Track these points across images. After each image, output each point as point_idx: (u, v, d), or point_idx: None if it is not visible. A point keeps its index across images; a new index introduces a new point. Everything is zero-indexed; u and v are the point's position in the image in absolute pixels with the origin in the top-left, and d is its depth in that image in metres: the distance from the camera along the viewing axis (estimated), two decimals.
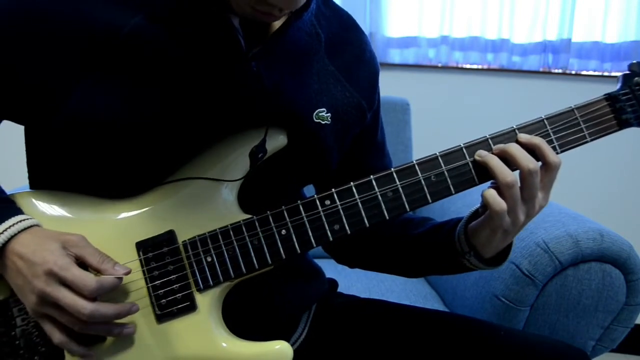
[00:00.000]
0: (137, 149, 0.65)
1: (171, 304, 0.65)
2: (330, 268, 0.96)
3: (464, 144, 0.67)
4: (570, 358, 0.76)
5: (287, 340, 0.68)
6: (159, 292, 0.65)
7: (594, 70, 1.92)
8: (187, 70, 0.65)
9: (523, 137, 0.67)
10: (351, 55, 0.79)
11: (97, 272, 0.61)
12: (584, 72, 1.93)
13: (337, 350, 0.82)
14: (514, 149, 0.65)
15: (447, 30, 1.93)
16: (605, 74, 1.90)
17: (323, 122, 0.72)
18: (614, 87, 0.72)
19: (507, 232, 0.68)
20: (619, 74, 0.73)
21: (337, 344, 0.83)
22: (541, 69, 1.94)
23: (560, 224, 1.08)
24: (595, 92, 0.71)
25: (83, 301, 0.58)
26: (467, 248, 0.72)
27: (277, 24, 0.70)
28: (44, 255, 0.59)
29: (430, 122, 1.94)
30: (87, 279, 0.58)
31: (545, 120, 0.69)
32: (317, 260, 0.92)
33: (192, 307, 0.65)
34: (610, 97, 0.70)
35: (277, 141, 0.69)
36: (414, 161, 0.67)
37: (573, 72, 1.93)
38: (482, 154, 0.66)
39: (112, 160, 0.65)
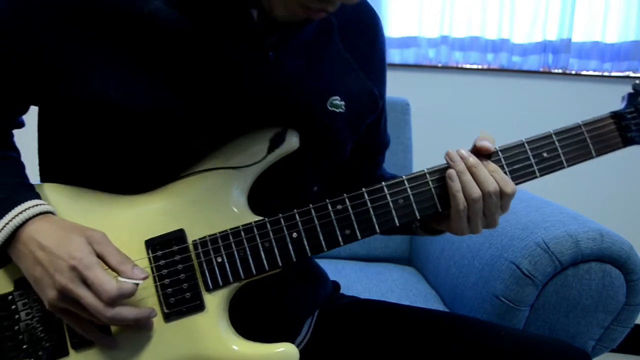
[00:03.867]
0: (150, 138, 0.64)
1: (180, 303, 0.65)
2: (330, 269, 0.96)
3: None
4: (572, 358, 0.76)
5: (291, 343, 0.68)
6: (167, 290, 0.65)
7: (594, 70, 1.92)
8: (203, 59, 0.65)
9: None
10: (365, 39, 0.78)
11: (115, 272, 0.61)
12: (584, 72, 1.92)
13: (340, 352, 0.82)
14: (482, 169, 0.67)
15: (447, 30, 1.93)
16: (605, 74, 1.90)
17: (337, 111, 0.72)
18: (614, 87, 0.73)
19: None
20: (619, 74, 0.74)
21: (340, 345, 0.83)
22: (541, 69, 1.94)
23: (560, 224, 1.08)
24: (595, 92, 0.72)
25: (104, 304, 0.58)
26: (418, 224, 0.77)
27: None
28: (69, 250, 0.58)
29: (430, 122, 1.94)
30: (109, 285, 0.57)
31: (553, 135, 0.70)
32: (317, 260, 0.92)
33: (200, 307, 0.65)
34: (616, 115, 0.72)
35: (289, 143, 0.69)
36: (425, 170, 0.69)
37: (573, 72, 1.93)
38: (452, 175, 0.67)
39: (126, 151, 0.65)
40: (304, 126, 0.70)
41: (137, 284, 0.60)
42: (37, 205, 0.63)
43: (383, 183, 0.68)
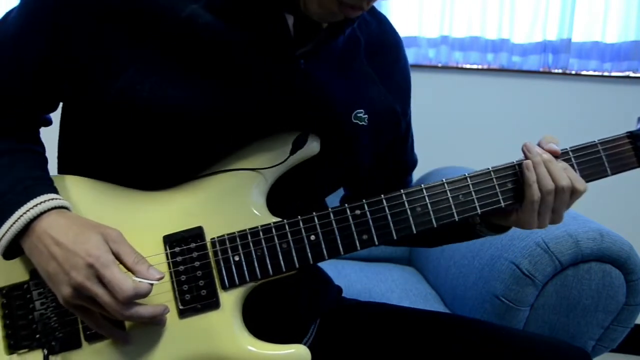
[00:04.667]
0: (176, 137, 0.65)
1: (195, 300, 0.65)
2: (330, 269, 0.96)
3: (492, 168, 0.71)
4: (572, 358, 0.76)
5: (299, 343, 0.68)
6: (183, 287, 0.66)
7: (594, 70, 1.92)
8: (236, 63, 0.65)
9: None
10: (388, 58, 0.80)
11: (130, 272, 0.60)
12: (584, 72, 1.92)
13: (342, 353, 0.82)
14: (556, 165, 0.70)
15: (447, 30, 1.93)
16: (605, 74, 1.90)
17: (360, 123, 0.73)
18: (614, 87, 0.74)
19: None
20: (619, 74, 0.75)
21: (343, 347, 0.83)
22: (541, 69, 1.94)
23: (561, 224, 1.08)
24: (595, 92, 0.73)
25: (120, 303, 0.58)
26: (479, 220, 0.77)
27: (325, 25, 0.70)
28: (86, 248, 0.58)
29: (430, 122, 1.94)
30: (125, 284, 0.57)
31: (570, 152, 0.72)
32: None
33: (215, 304, 0.66)
34: (632, 135, 0.74)
35: (309, 148, 0.70)
36: (444, 180, 0.70)
37: (573, 72, 1.93)
38: (528, 165, 0.69)
39: (149, 147, 0.65)
40: (327, 135, 0.71)
41: (152, 284, 0.60)
42: (52, 199, 0.63)
43: (402, 191, 0.69)
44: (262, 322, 0.70)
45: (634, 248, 1.04)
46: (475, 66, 1.97)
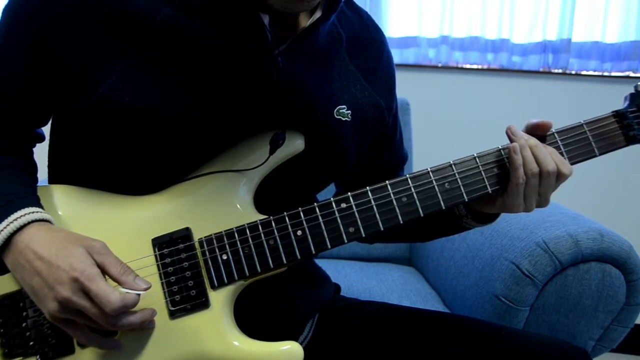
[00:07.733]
0: (160, 140, 0.65)
1: (185, 300, 0.66)
2: (330, 269, 0.96)
3: (477, 154, 0.71)
4: (572, 357, 0.76)
5: None
6: (173, 287, 0.66)
7: (594, 70, 1.92)
8: (215, 63, 0.65)
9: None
10: (370, 55, 0.80)
11: (117, 282, 0.60)
12: (584, 72, 1.92)
13: (340, 352, 0.82)
14: (541, 149, 0.69)
15: (447, 30, 1.93)
16: (605, 74, 1.90)
17: (343, 119, 0.74)
18: (614, 87, 0.74)
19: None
20: (619, 74, 0.75)
21: (340, 346, 0.83)
22: (541, 69, 1.94)
23: (560, 224, 1.08)
24: (595, 92, 0.73)
25: (108, 315, 0.58)
26: (465, 212, 0.77)
27: (303, 23, 0.71)
28: (70, 262, 0.58)
29: (430, 122, 1.94)
30: (112, 296, 0.57)
31: (555, 134, 0.72)
32: (318, 261, 0.92)
33: (205, 304, 0.66)
34: (618, 114, 0.73)
35: (294, 146, 0.70)
36: (429, 168, 0.70)
37: (573, 72, 1.93)
38: (515, 148, 0.69)
39: (135, 152, 0.66)
40: (311, 132, 0.71)
41: (139, 294, 0.60)
42: (33, 212, 0.62)
43: (387, 182, 0.69)
44: (255, 322, 0.70)
45: (634, 248, 1.04)
46: (475, 66, 1.97)
